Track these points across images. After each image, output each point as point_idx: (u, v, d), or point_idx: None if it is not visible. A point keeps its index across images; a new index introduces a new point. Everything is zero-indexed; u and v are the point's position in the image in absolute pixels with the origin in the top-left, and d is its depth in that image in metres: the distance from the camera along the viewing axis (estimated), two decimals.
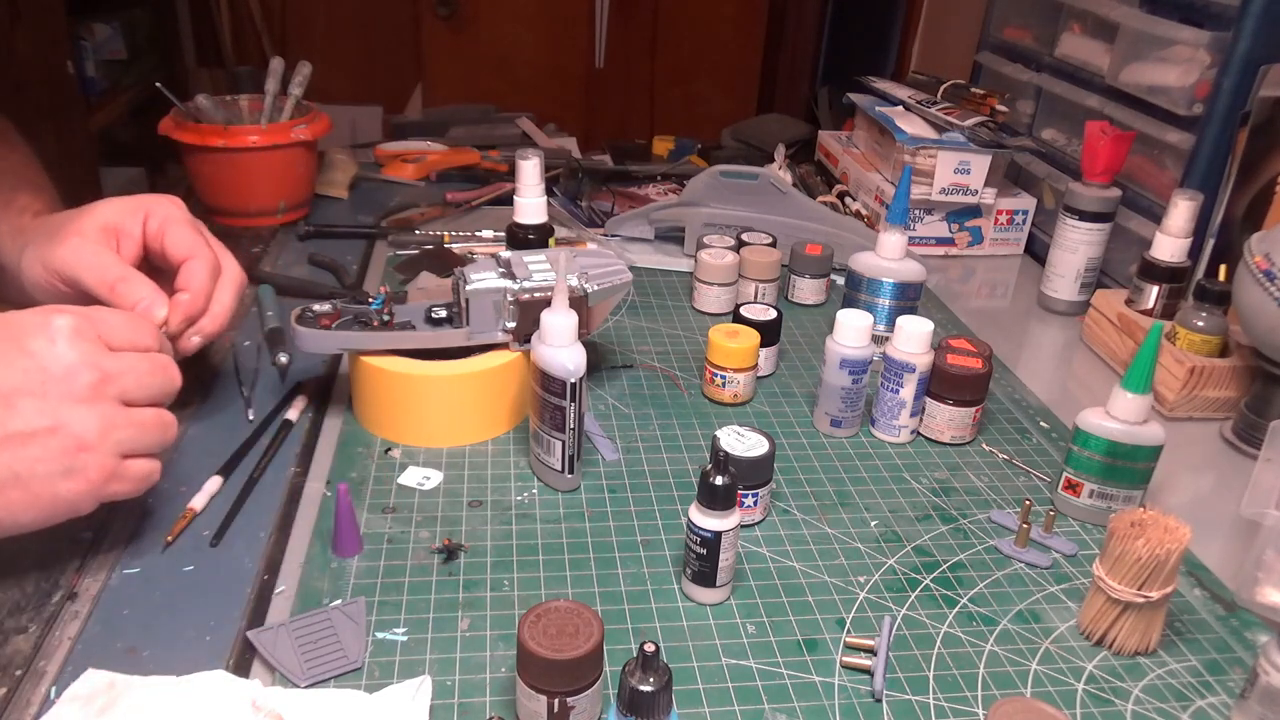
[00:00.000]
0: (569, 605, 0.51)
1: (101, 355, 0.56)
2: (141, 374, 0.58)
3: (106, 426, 0.55)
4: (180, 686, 0.52)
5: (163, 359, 0.60)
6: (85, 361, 0.55)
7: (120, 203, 0.71)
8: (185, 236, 0.71)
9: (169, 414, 0.60)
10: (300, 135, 1.12)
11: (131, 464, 0.57)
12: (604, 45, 2.69)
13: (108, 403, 0.56)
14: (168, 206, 0.72)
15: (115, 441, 0.56)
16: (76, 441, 0.54)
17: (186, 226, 0.71)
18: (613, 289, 0.80)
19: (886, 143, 1.23)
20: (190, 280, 0.70)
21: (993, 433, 0.83)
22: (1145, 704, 0.56)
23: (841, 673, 0.57)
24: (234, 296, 0.73)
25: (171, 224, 0.71)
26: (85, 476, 0.55)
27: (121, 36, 2.11)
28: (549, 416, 0.68)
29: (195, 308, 0.69)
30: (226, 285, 0.72)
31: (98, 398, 0.55)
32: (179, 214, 0.72)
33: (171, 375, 0.60)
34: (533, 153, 0.89)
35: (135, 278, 0.67)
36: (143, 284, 0.67)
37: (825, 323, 1.01)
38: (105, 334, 0.57)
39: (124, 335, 0.58)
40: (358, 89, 2.61)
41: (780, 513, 0.71)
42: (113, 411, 0.56)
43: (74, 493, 0.55)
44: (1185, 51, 0.97)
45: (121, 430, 0.56)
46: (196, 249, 0.71)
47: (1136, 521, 0.58)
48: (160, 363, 0.60)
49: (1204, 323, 0.86)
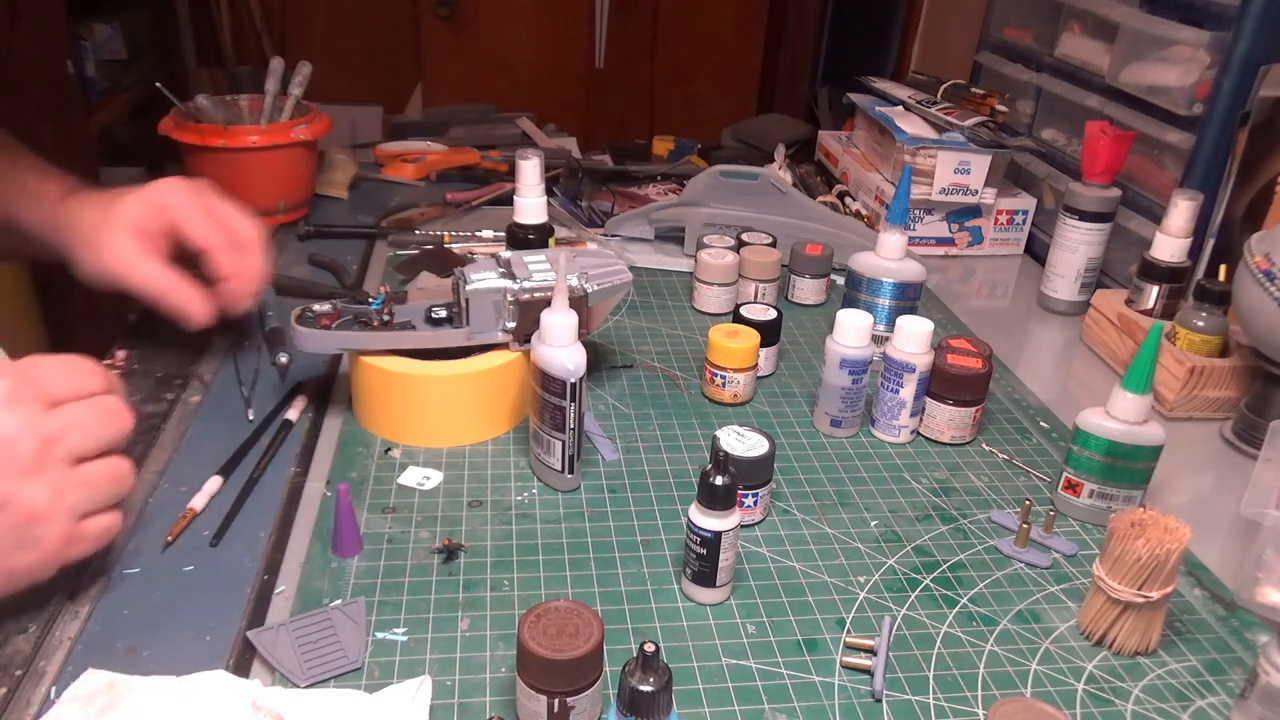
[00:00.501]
0: (569, 605, 0.51)
1: (42, 418, 0.53)
2: (88, 426, 0.55)
3: (57, 493, 0.52)
4: (180, 686, 0.52)
5: (110, 403, 0.57)
6: (25, 428, 0.52)
7: (137, 202, 0.76)
8: (199, 226, 0.76)
9: (123, 463, 0.57)
10: (300, 135, 1.12)
11: (89, 523, 0.55)
12: (604, 45, 2.69)
13: (55, 468, 0.53)
14: (178, 194, 0.76)
15: (69, 506, 0.53)
16: (27, 515, 0.51)
17: (198, 216, 0.76)
18: (613, 289, 0.80)
19: (886, 143, 1.23)
20: (222, 266, 0.76)
21: (993, 433, 0.83)
22: (1145, 704, 0.56)
23: (841, 673, 0.57)
24: (262, 255, 0.78)
25: (183, 216, 0.76)
26: (41, 547, 0.53)
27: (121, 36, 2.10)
28: (549, 416, 0.68)
29: (242, 289, 0.77)
30: (253, 250, 0.78)
31: (43, 465, 0.52)
32: (185, 200, 0.76)
33: (121, 419, 0.57)
34: (533, 153, 0.89)
35: (181, 285, 0.75)
36: (183, 289, 0.75)
37: (825, 323, 1.01)
38: (44, 389, 0.54)
39: (65, 386, 0.55)
40: (358, 89, 2.61)
41: (780, 513, 0.71)
42: (62, 476, 0.53)
43: (31, 564, 0.53)
44: (1185, 51, 0.97)
45: (74, 493, 0.53)
46: (211, 236, 0.76)
47: (1136, 521, 0.58)
48: (107, 408, 0.56)
49: (1204, 323, 0.86)
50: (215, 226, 0.77)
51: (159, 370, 0.83)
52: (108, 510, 0.56)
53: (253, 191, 1.13)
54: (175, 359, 0.85)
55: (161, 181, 0.78)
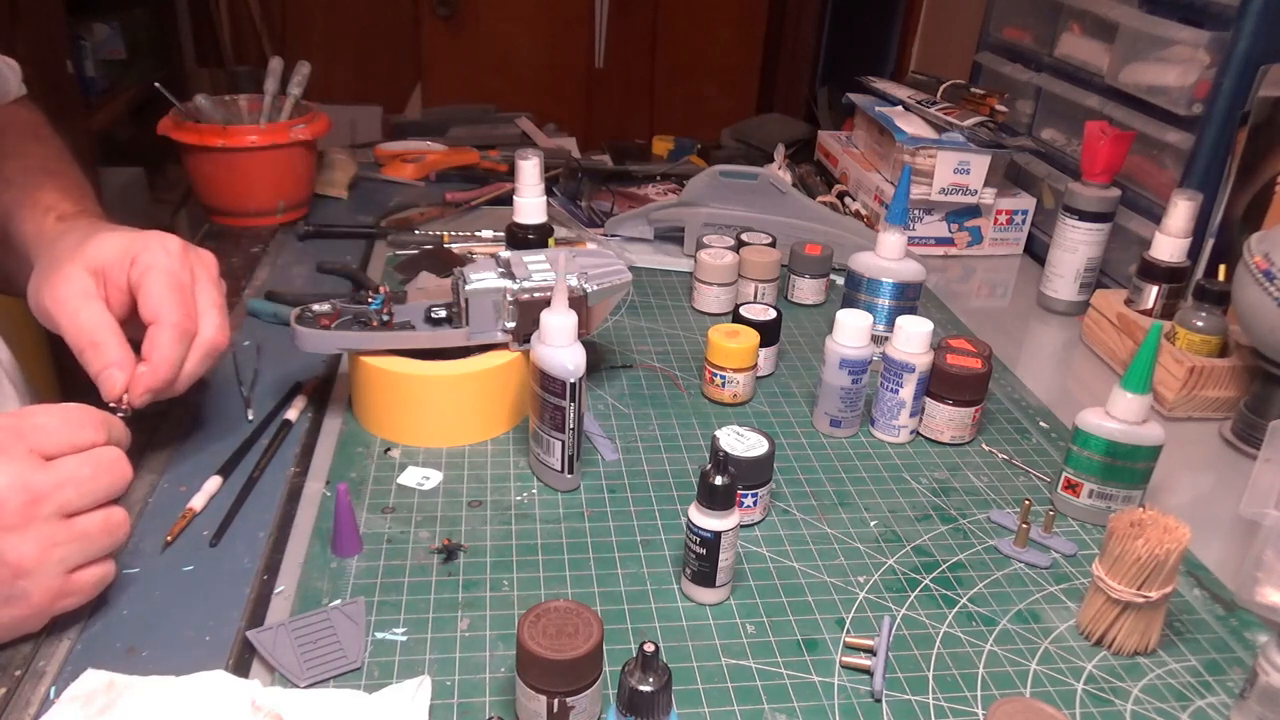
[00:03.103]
0: (569, 605, 0.51)
1: (33, 471, 0.51)
2: (83, 481, 0.53)
3: (44, 548, 0.51)
4: (180, 686, 0.52)
5: (108, 455, 0.55)
6: (13, 484, 0.51)
7: (116, 243, 0.66)
8: (156, 294, 0.64)
9: (118, 513, 0.55)
10: (299, 135, 1.12)
11: (79, 576, 0.54)
12: (604, 45, 2.69)
13: (43, 523, 0.51)
14: (155, 254, 0.65)
15: (58, 560, 0.52)
16: (12, 570, 0.51)
17: (163, 282, 0.64)
18: (612, 289, 0.80)
19: (886, 143, 1.23)
20: (153, 349, 0.64)
21: (992, 433, 0.83)
22: (1145, 704, 0.56)
23: (841, 673, 0.57)
24: (201, 363, 0.67)
25: (149, 276, 0.64)
26: (28, 602, 0.52)
27: (121, 36, 2.10)
28: (549, 416, 0.68)
29: (156, 380, 0.63)
30: (196, 351, 0.66)
31: (30, 520, 0.51)
32: (164, 263, 0.65)
33: (119, 472, 0.55)
34: (532, 153, 0.89)
35: (106, 342, 0.63)
36: (113, 351, 0.63)
37: (825, 323, 1.01)
38: (38, 442, 0.53)
39: (59, 438, 0.53)
40: (358, 89, 2.61)
41: (780, 513, 0.71)
42: (51, 530, 0.52)
43: (18, 618, 0.52)
44: (1185, 51, 0.97)
45: (63, 548, 0.52)
46: (163, 311, 0.64)
47: (1136, 521, 0.58)
48: (104, 461, 0.55)
49: (1203, 323, 0.86)
50: (176, 303, 0.64)
51: None
52: (100, 561, 0.55)
53: (252, 191, 1.13)
54: None
55: (161, 234, 0.67)
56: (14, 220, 0.74)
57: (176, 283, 0.65)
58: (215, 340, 0.67)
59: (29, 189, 0.75)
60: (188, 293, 0.66)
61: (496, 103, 1.76)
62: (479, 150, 1.38)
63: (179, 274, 0.66)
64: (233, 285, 1.01)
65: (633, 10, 2.67)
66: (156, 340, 0.64)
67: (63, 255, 0.66)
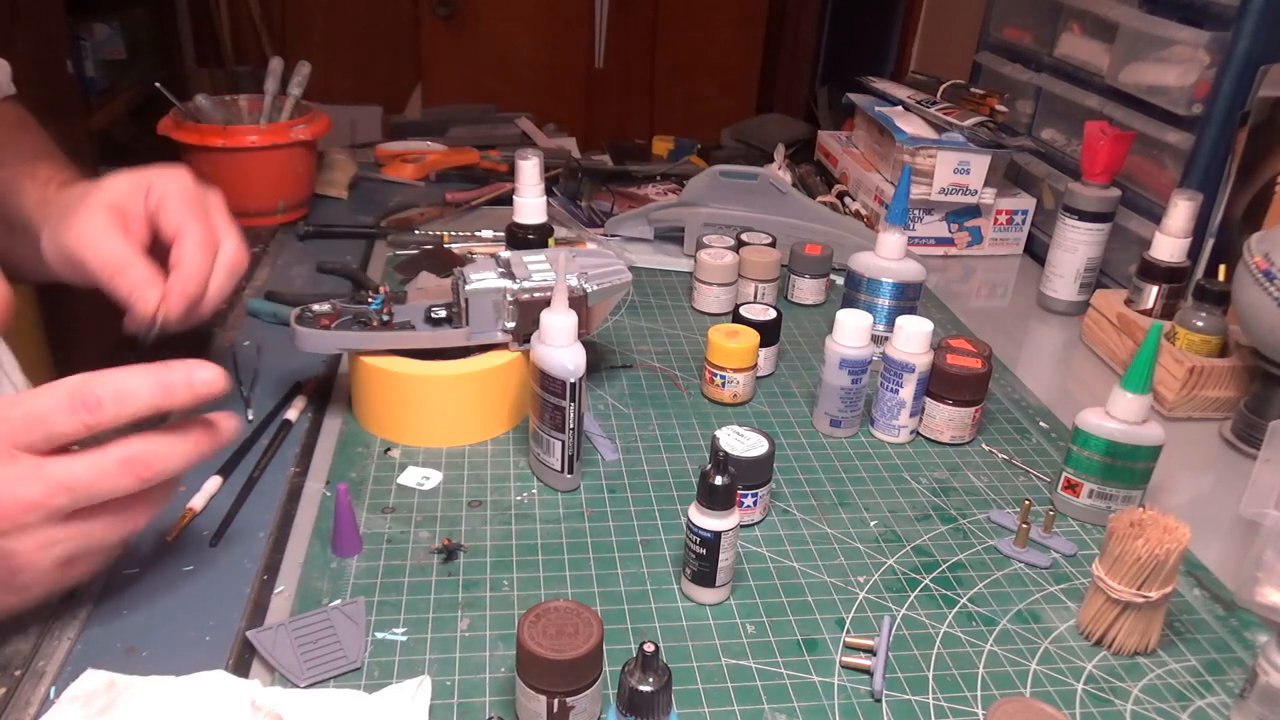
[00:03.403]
0: (569, 605, 0.51)
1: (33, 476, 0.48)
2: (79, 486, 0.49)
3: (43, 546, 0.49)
4: (180, 686, 0.52)
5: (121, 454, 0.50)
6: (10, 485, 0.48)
7: (126, 180, 0.68)
8: (177, 212, 0.66)
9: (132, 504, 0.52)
10: (299, 135, 1.12)
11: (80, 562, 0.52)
12: (604, 45, 2.69)
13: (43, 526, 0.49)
14: (169, 182, 0.68)
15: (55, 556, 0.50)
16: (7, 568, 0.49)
17: (181, 201, 0.67)
18: (612, 289, 0.80)
19: (886, 143, 1.23)
20: (180, 260, 0.65)
21: (992, 433, 0.83)
22: (1145, 704, 0.56)
23: (841, 673, 0.57)
24: (227, 279, 0.68)
25: (167, 200, 0.67)
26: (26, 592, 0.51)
27: (121, 36, 2.10)
28: (549, 416, 0.68)
29: (189, 288, 0.65)
30: (221, 266, 0.68)
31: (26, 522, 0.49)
32: (177, 188, 0.68)
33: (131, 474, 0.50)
34: (532, 153, 0.89)
35: (133, 266, 0.64)
36: (139, 272, 0.64)
37: (825, 323, 1.01)
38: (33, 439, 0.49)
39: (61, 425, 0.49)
40: (358, 89, 2.61)
41: (780, 513, 0.71)
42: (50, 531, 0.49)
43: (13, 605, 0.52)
44: (1185, 51, 0.97)
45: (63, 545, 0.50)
46: (185, 226, 0.66)
47: (1136, 521, 0.58)
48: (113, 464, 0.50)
49: (1203, 323, 0.86)
50: (196, 218, 0.67)
51: None
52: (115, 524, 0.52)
53: (252, 191, 1.13)
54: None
55: (163, 167, 0.69)
56: (13, 196, 0.73)
57: (194, 203, 0.68)
58: (237, 258, 0.69)
59: (24, 167, 0.75)
60: (206, 212, 0.69)
61: (496, 103, 1.76)
62: (479, 150, 1.38)
63: (195, 197, 0.69)
64: None
65: (633, 10, 2.67)
66: (183, 253, 0.66)
67: (75, 202, 0.67)
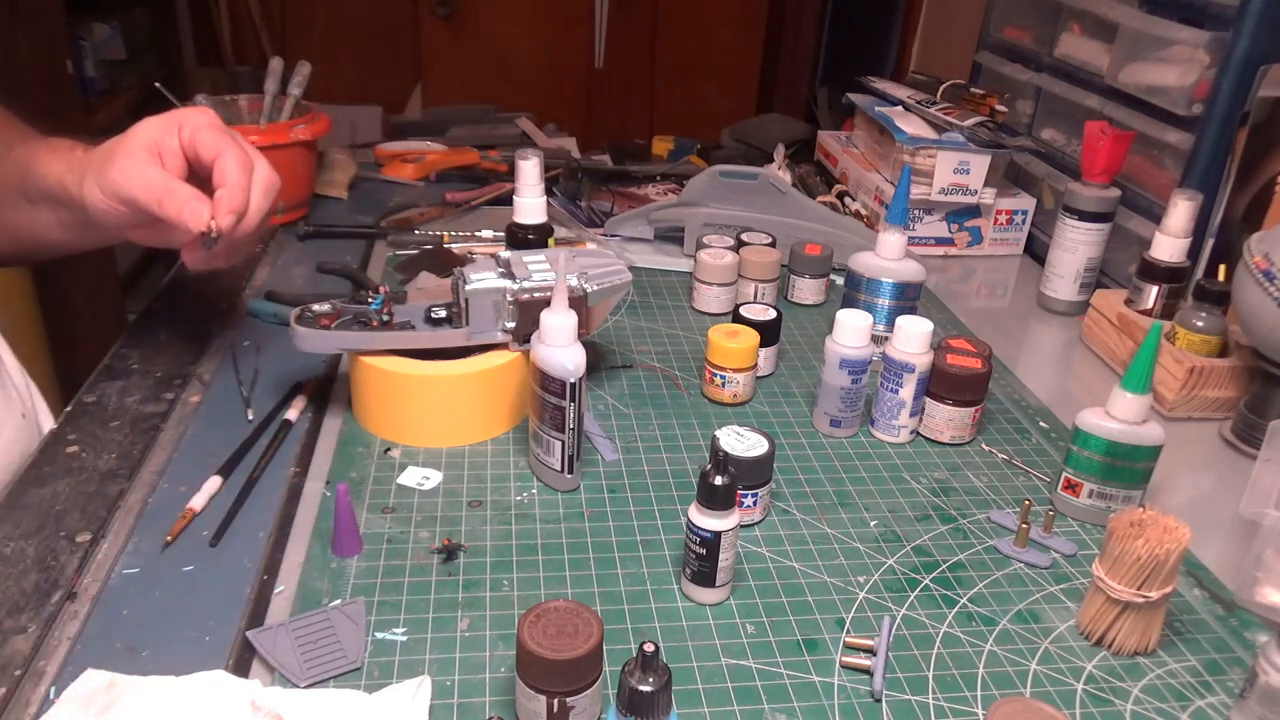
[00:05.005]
0: (569, 605, 0.51)
1: None
2: None
3: None
4: (179, 686, 0.52)
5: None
6: None
7: (157, 120, 0.73)
8: (212, 138, 0.73)
9: None
10: (299, 135, 1.12)
11: None
12: (604, 45, 2.69)
13: None
14: (198, 116, 0.74)
15: None
16: None
17: (214, 130, 0.73)
18: (612, 289, 0.80)
19: (886, 143, 1.23)
20: (225, 175, 0.71)
21: (992, 433, 0.83)
22: (1145, 704, 0.56)
23: (841, 673, 0.57)
24: (265, 195, 0.74)
25: (200, 130, 0.73)
26: None
27: (121, 36, 2.11)
28: (549, 416, 0.68)
29: (235, 200, 0.71)
30: (258, 185, 0.74)
31: None
32: (207, 120, 0.74)
33: None
34: (532, 153, 0.89)
35: (178, 188, 0.70)
36: (186, 191, 0.70)
37: (825, 323, 1.01)
38: None
39: None
40: (358, 89, 2.61)
41: (780, 513, 0.71)
42: None
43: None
44: (1184, 51, 0.97)
45: None
46: (223, 147, 0.72)
47: (1136, 521, 0.58)
48: None
49: (1203, 323, 0.86)
50: (232, 141, 0.74)
51: (159, 370, 0.83)
52: None
53: None
54: (175, 359, 0.85)
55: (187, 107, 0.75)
56: (33, 169, 0.76)
57: (225, 132, 0.74)
58: (271, 177, 0.75)
59: (38, 143, 0.77)
60: (236, 139, 0.74)
61: (496, 103, 1.76)
62: (479, 150, 1.38)
63: (224, 127, 0.74)
64: (233, 285, 1.01)
65: (632, 10, 2.67)
66: (225, 168, 0.72)
67: (111, 148, 0.72)
